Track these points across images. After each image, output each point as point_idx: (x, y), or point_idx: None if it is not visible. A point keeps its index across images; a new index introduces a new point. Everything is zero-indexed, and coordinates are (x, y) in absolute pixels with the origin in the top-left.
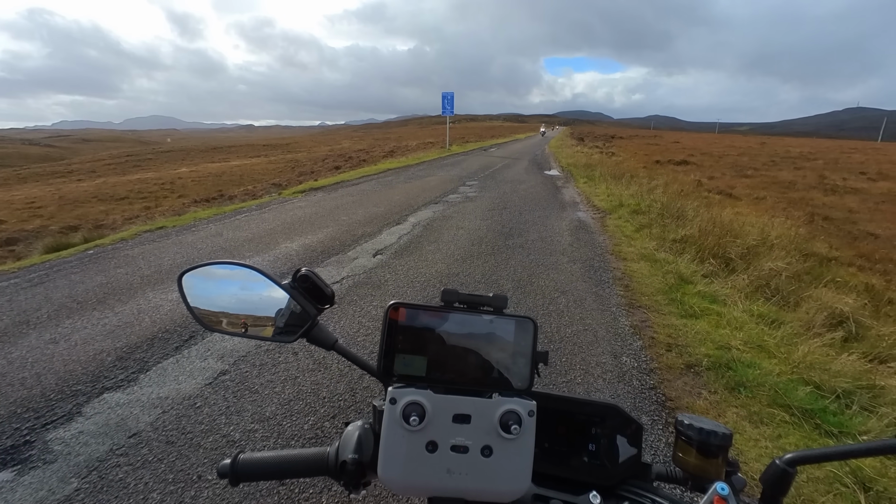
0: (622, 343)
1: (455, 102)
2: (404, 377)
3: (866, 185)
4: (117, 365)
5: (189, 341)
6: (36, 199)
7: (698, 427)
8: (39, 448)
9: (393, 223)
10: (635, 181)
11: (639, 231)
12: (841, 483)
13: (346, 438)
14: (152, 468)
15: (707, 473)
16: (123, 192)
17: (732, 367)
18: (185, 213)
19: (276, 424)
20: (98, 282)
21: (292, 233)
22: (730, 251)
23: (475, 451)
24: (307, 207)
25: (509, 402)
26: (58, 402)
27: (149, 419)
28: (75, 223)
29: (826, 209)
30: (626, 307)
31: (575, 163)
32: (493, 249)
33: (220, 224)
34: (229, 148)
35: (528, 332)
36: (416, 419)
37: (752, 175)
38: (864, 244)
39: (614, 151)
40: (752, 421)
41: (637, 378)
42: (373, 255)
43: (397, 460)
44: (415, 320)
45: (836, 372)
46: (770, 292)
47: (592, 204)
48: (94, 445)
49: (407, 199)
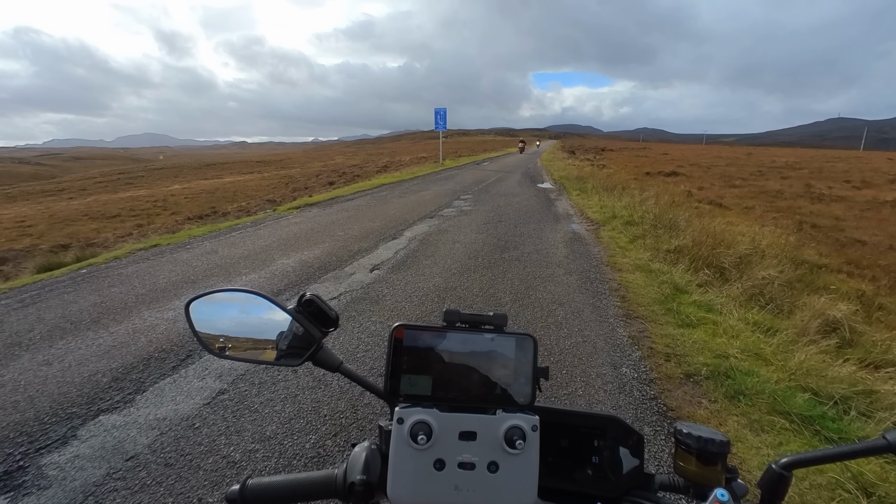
0: (621, 354)
1: (447, 118)
2: (410, 397)
3: (851, 192)
4: (113, 386)
5: (186, 360)
6: (26, 218)
7: (697, 435)
8: (34, 473)
9: (389, 238)
10: (627, 193)
11: (633, 242)
12: (843, 489)
13: (353, 460)
14: (151, 492)
15: (707, 480)
16: (115, 209)
17: (731, 376)
18: (179, 230)
19: (277, 444)
20: (92, 301)
21: (288, 249)
22: (723, 260)
23: (482, 468)
24: (302, 223)
25: (513, 417)
26: (52, 425)
27: (146, 441)
28: (66, 242)
29: (814, 217)
30: (624, 318)
31: (567, 175)
32: (489, 263)
33: (215, 241)
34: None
35: (528, 348)
36: (423, 438)
37: (741, 185)
38: (852, 251)
39: (605, 164)
40: (753, 429)
41: (637, 388)
42: (370, 271)
43: (406, 479)
44: (419, 341)
45: (832, 378)
46: (764, 300)
47: (586, 216)
48: (91, 469)
49: (402, 213)
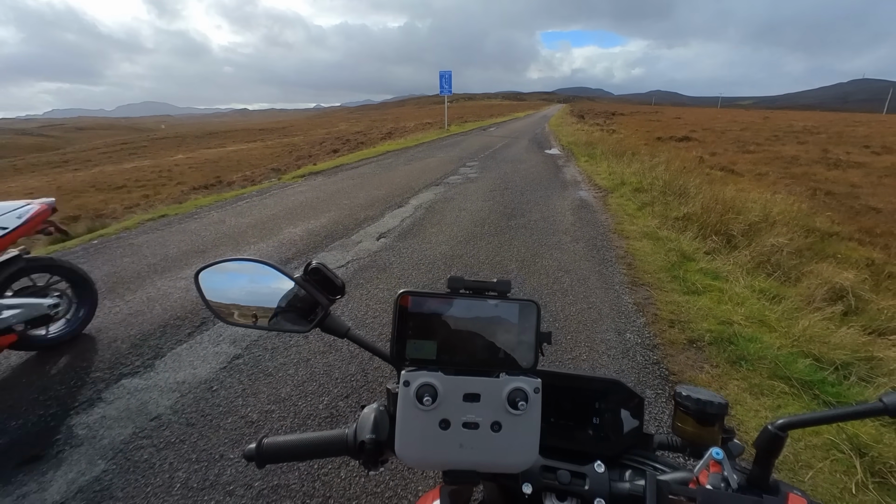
0: (626, 320)
1: (452, 81)
2: (416, 361)
3: (870, 158)
4: (132, 352)
5: (201, 327)
6: (34, 191)
7: (696, 398)
8: (64, 433)
9: (395, 206)
10: (637, 159)
11: (641, 209)
12: (838, 449)
13: (363, 420)
14: (176, 449)
15: (704, 440)
16: (120, 180)
17: (734, 342)
18: (186, 200)
19: (291, 405)
20: (106, 271)
21: (295, 218)
22: (732, 228)
23: (485, 427)
24: (308, 192)
25: (516, 380)
26: (77, 388)
27: (168, 403)
28: (75, 214)
29: (828, 184)
30: (630, 285)
31: (575, 141)
32: (496, 230)
33: (221, 211)
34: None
35: (531, 314)
36: (429, 399)
37: (755, 150)
38: (866, 219)
39: (615, 129)
40: (753, 393)
41: (641, 354)
42: (376, 239)
43: (413, 438)
44: (423, 307)
45: (835, 344)
46: (771, 268)
47: (594, 183)
48: (118, 429)
49: (408, 181)
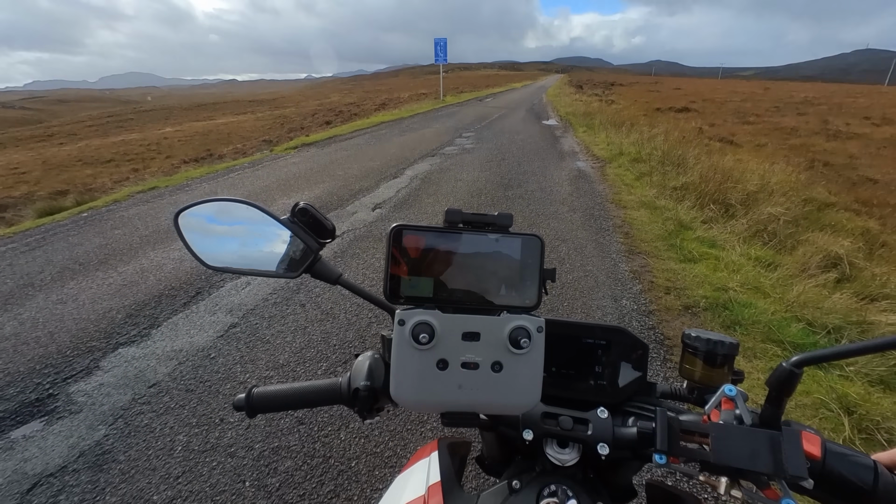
0: (622, 287)
1: (447, 49)
2: (411, 299)
3: (869, 130)
4: (128, 322)
5: (196, 297)
6: (19, 165)
7: (705, 338)
8: (64, 400)
9: (390, 177)
10: (635, 129)
11: (639, 179)
12: (826, 408)
13: (357, 367)
14: (175, 414)
15: (713, 382)
16: (108, 154)
17: (729, 308)
18: (176, 173)
19: (290, 371)
20: (97, 243)
21: (288, 189)
22: (730, 197)
23: (486, 367)
24: (301, 163)
25: (518, 318)
26: (75, 357)
27: (166, 370)
28: (63, 188)
29: (827, 155)
30: (626, 253)
31: (574, 111)
32: (492, 201)
33: (213, 183)
34: (214, 105)
35: (535, 249)
36: (425, 337)
37: (754, 122)
38: (863, 189)
39: (614, 99)
40: (746, 356)
41: (636, 319)
42: (372, 209)
43: (409, 379)
44: (419, 242)
45: (827, 309)
46: (768, 237)
47: (592, 153)
48: (117, 396)
49: (402, 152)
